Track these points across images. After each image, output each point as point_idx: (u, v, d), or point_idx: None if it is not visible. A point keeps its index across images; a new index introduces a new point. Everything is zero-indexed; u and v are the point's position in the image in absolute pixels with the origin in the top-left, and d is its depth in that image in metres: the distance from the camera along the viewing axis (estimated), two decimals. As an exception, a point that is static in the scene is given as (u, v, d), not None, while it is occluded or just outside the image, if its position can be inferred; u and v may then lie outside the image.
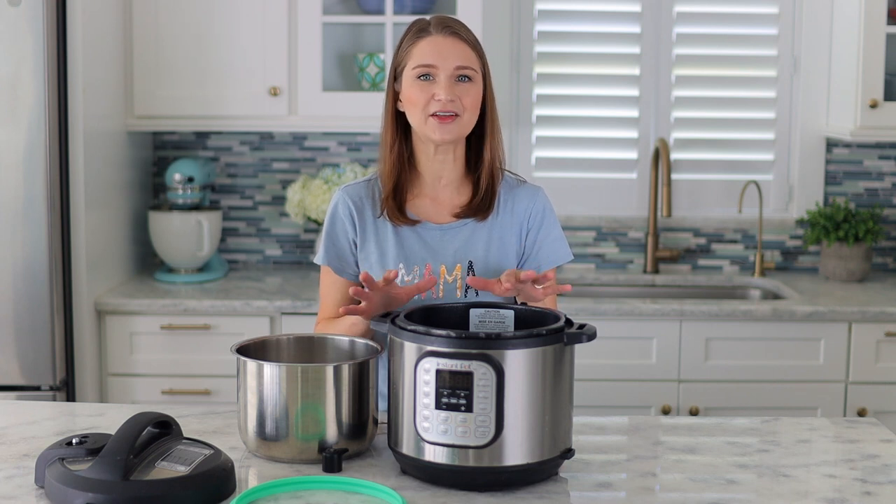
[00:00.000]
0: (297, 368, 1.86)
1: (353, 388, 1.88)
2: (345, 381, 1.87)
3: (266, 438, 1.88)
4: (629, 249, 4.07)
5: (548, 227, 2.26)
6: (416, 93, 2.15)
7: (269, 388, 1.87)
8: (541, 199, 2.27)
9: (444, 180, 2.24)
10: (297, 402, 1.86)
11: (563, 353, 1.78)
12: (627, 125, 4.04)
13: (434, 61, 2.15)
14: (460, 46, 2.17)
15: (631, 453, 2.00)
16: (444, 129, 2.15)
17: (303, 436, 1.86)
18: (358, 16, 3.83)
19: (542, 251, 2.26)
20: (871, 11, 3.62)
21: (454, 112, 2.14)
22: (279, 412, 1.86)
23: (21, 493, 1.75)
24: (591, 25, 4.00)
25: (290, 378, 1.86)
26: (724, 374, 3.49)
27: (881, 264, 4.09)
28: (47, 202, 3.22)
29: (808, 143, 4.01)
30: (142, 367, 3.49)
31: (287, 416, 1.86)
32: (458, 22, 2.22)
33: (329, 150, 4.03)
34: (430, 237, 2.22)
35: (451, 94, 2.13)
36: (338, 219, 2.26)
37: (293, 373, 1.86)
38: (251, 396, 1.89)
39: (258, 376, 1.88)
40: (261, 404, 1.88)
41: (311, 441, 1.86)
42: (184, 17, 3.65)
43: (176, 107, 3.69)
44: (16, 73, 3.18)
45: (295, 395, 1.85)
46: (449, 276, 2.21)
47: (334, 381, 1.86)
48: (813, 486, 1.83)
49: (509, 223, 2.24)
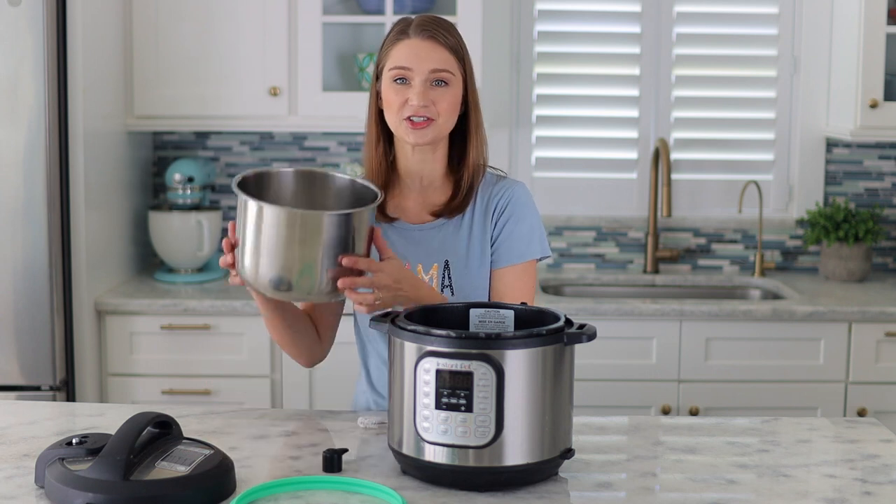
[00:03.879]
0: (296, 214, 1.90)
1: (347, 236, 1.92)
2: (340, 230, 1.91)
3: (261, 273, 1.93)
4: (629, 249, 4.07)
5: (516, 221, 2.21)
6: (392, 96, 2.14)
7: (268, 231, 1.91)
8: (513, 192, 2.23)
9: (424, 180, 2.24)
10: (294, 249, 1.90)
11: (563, 353, 1.78)
12: (627, 125, 4.04)
13: (409, 64, 2.13)
14: (437, 50, 2.14)
15: (631, 453, 2.00)
16: (418, 133, 2.14)
17: (298, 283, 1.91)
18: (358, 16, 3.83)
19: (503, 244, 2.22)
20: (871, 11, 3.62)
21: (428, 116, 2.13)
22: (276, 255, 1.91)
23: (21, 493, 1.75)
24: (591, 25, 4.00)
25: (289, 223, 1.89)
26: (724, 374, 3.49)
27: (881, 264, 4.09)
28: (47, 202, 3.22)
29: (808, 143, 4.01)
30: (142, 367, 3.49)
31: (284, 261, 1.90)
32: (439, 23, 2.18)
33: (329, 150, 4.03)
34: (410, 236, 2.22)
35: (425, 99, 2.12)
36: None
37: (292, 218, 1.89)
38: (250, 234, 1.93)
39: (257, 217, 1.92)
40: (257, 244, 1.92)
41: (304, 283, 1.92)
42: (184, 18, 3.65)
43: (176, 107, 3.69)
44: (16, 73, 3.18)
45: (292, 240, 1.90)
46: (425, 276, 2.21)
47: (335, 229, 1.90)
48: (813, 486, 1.83)
49: (482, 219, 2.22)
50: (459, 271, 2.20)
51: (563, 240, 4.06)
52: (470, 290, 2.20)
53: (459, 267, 2.20)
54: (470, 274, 2.20)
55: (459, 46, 2.18)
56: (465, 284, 2.20)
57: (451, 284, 2.19)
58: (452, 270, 2.20)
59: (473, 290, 2.20)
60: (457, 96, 2.17)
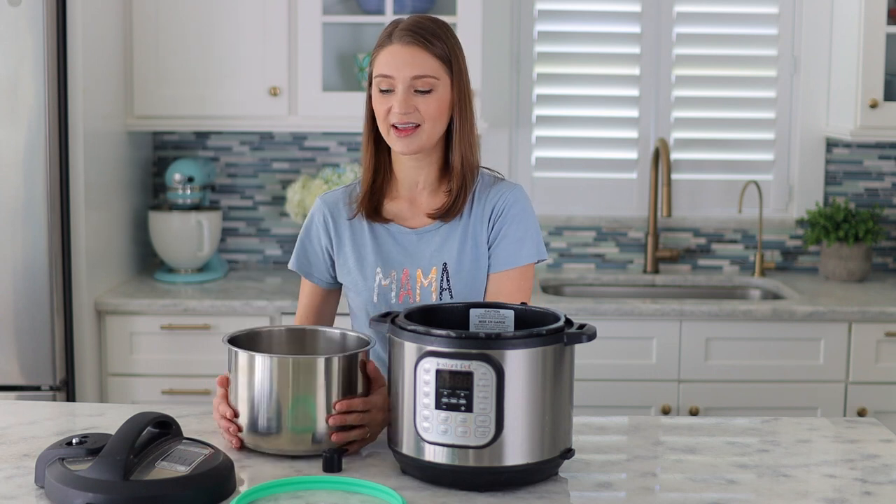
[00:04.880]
0: (288, 360, 1.87)
1: (343, 380, 1.89)
2: (335, 374, 1.88)
3: (258, 432, 1.89)
4: (629, 249, 4.07)
5: (511, 225, 2.19)
6: (378, 104, 2.14)
7: (261, 381, 1.87)
8: (510, 196, 2.21)
9: (420, 184, 2.23)
10: (288, 395, 1.86)
11: (563, 353, 1.78)
12: (627, 125, 4.04)
13: (390, 72, 2.12)
14: (419, 55, 2.11)
15: (631, 453, 2.00)
16: (404, 141, 2.13)
17: (294, 427, 1.87)
18: (358, 16, 3.83)
19: (497, 249, 2.20)
20: (871, 11, 3.62)
21: (412, 123, 2.12)
22: (271, 405, 1.87)
23: (21, 493, 1.75)
24: (591, 25, 4.00)
25: (281, 370, 1.86)
26: (724, 374, 3.49)
27: (881, 264, 4.09)
28: (47, 202, 3.22)
29: (808, 143, 4.01)
30: (142, 367, 3.49)
31: (279, 409, 1.87)
32: (425, 27, 2.14)
33: (329, 150, 4.03)
34: (407, 241, 2.22)
35: (407, 106, 2.10)
36: (312, 228, 2.29)
37: (284, 365, 1.86)
38: (242, 390, 1.89)
39: (249, 368, 1.88)
40: (252, 397, 1.88)
41: (303, 433, 1.87)
42: (184, 17, 3.65)
43: (176, 107, 3.69)
44: (16, 73, 3.18)
45: (286, 387, 1.86)
46: (424, 280, 2.20)
47: (325, 374, 1.87)
48: (813, 486, 1.83)
49: (480, 222, 2.21)
50: (458, 274, 2.19)
51: (563, 240, 4.05)
52: (469, 293, 2.19)
53: (458, 270, 2.20)
54: (468, 277, 2.20)
55: (446, 49, 2.14)
56: (463, 287, 2.19)
57: (449, 288, 2.19)
58: (451, 274, 2.19)
59: (472, 293, 2.20)
60: (443, 101, 2.14)
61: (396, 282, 2.20)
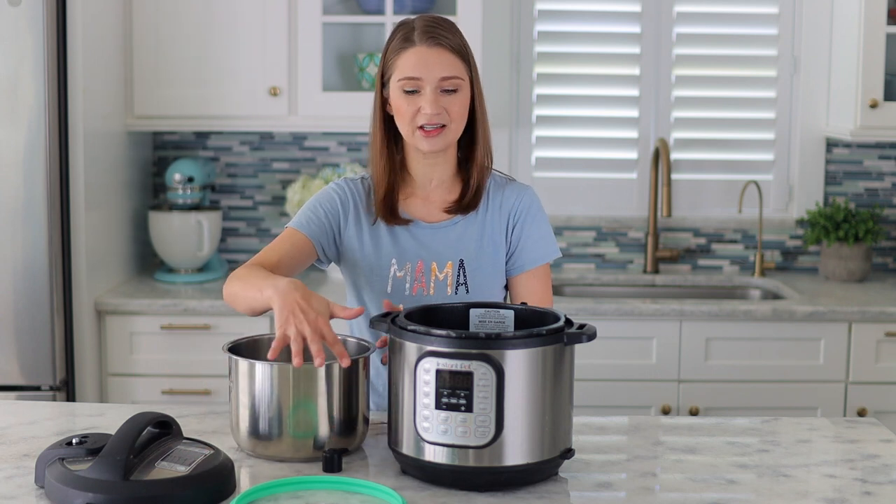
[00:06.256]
0: (288, 368, 1.86)
1: (343, 386, 1.89)
2: (336, 380, 1.88)
3: (259, 437, 1.89)
4: (629, 249, 4.07)
5: (532, 225, 2.25)
6: (403, 105, 2.14)
7: (262, 388, 1.87)
8: (527, 197, 2.26)
9: (434, 181, 2.25)
10: (289, 401, 1.86)
11: (563, 353, 1.78)
12: (627, 125, 4.04)
13: (419, 74, 2.12)
14: (445, 56, 2.14)
15: (631, 453, 2.00)
16: (432, 141, 2.15)
17: (295, 433, 1.87)
18: (358, 16, 3.83)
19: (524, 250, 2.25)
20: (871, 11, 3.62)
21: (441, 123, 2.14)
22: (272, 411, 1.87)
23: (21, 493, 1.75)
24: (591, 25, 4.00)
25: (281, 377, 1.86)
26: (724, 374, 3.49)
27: (881, 264, 4.09)
28: (47, 202, 3.22)
29: (808, 143, 4.01)
30: (142, 367, 3.49)
31: (280, 415, 1.87)
32: (442, 25, 2.17)
33: (329, 150, 4.03)
34: (423, 235, 2.23)
35: (437, 106, 2.12)
36: (329, 198, 2.25)
37: (285, 372, 1.86)
38: (243, 396, 1.89)
39: (250, 376, 1.89)
40: (253, 404, 1.88)
41: (304, 439, 1.87)
42: (184, 18, 3.65)
43: (176, 107, 3.69)
44: (16, 73, 3.18)
45: (287, 394, 1.86)
46: (440, 274, 2.21)
47: (326, 380, 1.87)
48: (813, 486, 1.83)
49: (497, 220, 2.24)
50: (474, 270, 2.22)
51: (563, 240, 4.05)
52: (484, 289, 2.22)
53: (474, 265, 2.22)
54: (485, 272, 2.22)
55: (463, 47, 2.18)
56: (479, 283, 2.21)
57: (465, 283, 2.21)
58: (467, 269, 2.21)
59: (488, 289, 2.22)
60: (466, 99, 2.18)
61: (411, 274, 2.21)
